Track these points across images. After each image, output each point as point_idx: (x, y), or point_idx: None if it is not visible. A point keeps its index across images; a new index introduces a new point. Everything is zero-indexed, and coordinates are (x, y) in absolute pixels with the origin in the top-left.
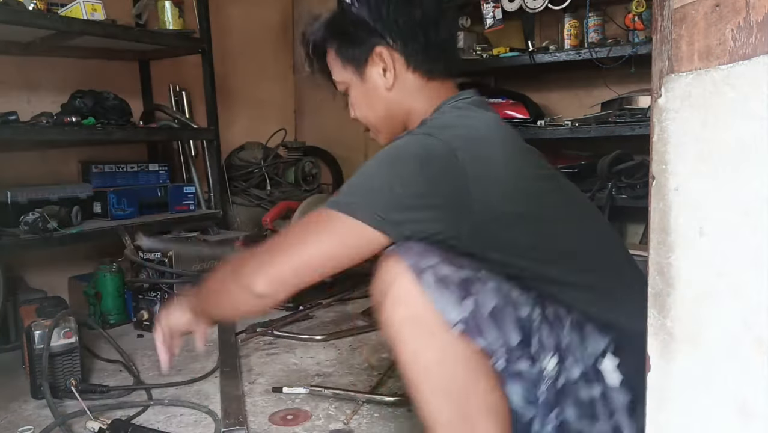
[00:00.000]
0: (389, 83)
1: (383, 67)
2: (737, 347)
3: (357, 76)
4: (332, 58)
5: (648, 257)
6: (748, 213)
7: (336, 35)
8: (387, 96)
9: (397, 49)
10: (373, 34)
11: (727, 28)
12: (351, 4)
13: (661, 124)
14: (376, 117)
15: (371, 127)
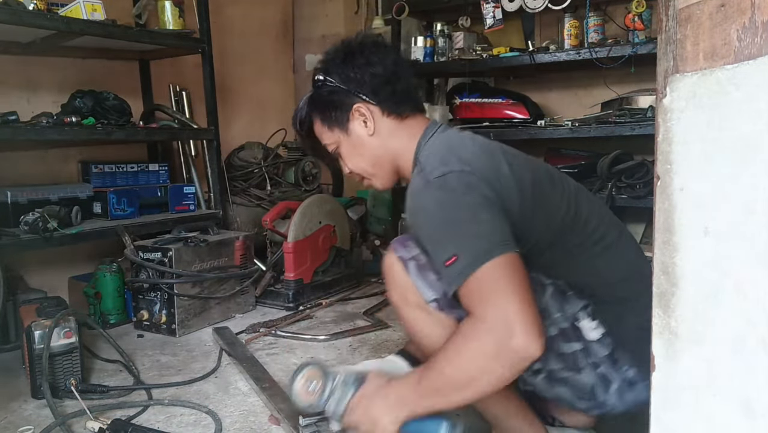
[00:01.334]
0: (371, 131)
1: (363, 120)
2: (742, 347)
3: (343, 133)
4: (319, 127)
5: (652, 257)
6: (753, 213)
7: (318, 108)
8: (372, 142)
9: (371, 101)
10: (348, 95)
11: (732, 28)
12: (324, 80)
13: (666, 124)
14: (367, 163)
15: (366, 175)
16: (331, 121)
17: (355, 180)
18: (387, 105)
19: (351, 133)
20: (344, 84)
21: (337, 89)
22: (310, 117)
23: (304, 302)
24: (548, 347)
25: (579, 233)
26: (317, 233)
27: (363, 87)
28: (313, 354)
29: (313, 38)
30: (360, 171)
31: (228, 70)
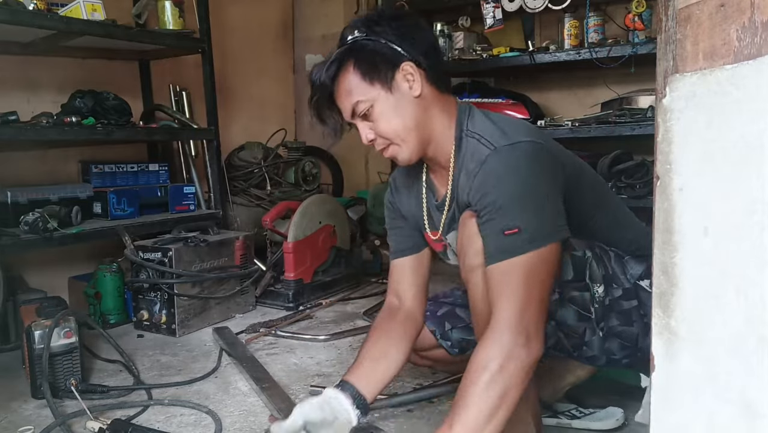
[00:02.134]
0: (417, 91)
1: (410, 79)
2: (741, 346)
3: (385, 89)
4: (353, 79)
5: (652, 257)
6: (752, 213)
7: (363, 56)
8: (415, 103)
9: (420, 64)
10: (397, 53)
11: (732, 28)
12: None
13: (666, 124)
14: (403, 126)
15: (396, 140)
16: (375, 72)
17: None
18: (432, 73)
19: (395, 90)
20: (396, 39)
21: (386, 43)
22: (342, 65)
23: (304, 302)
24: (611, 307)
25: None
26: (317, 233)
27: (414, 47)
28: (313, 354)
29: (313, 38)
30: (391, 135)
31: (228, 70)
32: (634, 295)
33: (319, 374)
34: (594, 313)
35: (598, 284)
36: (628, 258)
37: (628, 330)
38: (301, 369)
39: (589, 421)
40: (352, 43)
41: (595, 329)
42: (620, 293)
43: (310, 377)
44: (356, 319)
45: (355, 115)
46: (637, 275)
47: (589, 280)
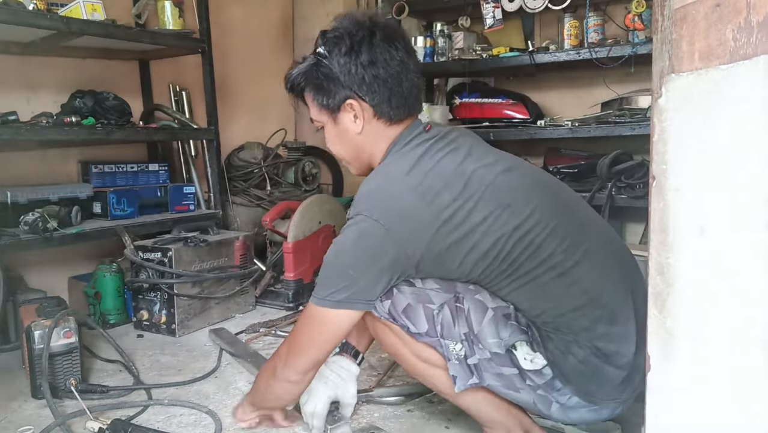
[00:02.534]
0: (359, 129)
1: (354, 115)
2: (737, 346)
3: (331, 121)
4: (310, 100)
5: (648, 257)
6: (748, 213)
7: (312, 85)
8: (356, 138)
9: (366, 101)
10: (345, 87)
11: (727, 28)
12: (324, 56)
13: (662, 124)
14: (346, 153)
15: (343, 160)
16: (324, 102)
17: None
18: (380, 109)
19: (338, 123)
20: (343, 76)
21: (335, 77)
22: (302, 88)
23: (304, 302)
24: (484, 367)
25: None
26: (317, 233)
27: (362, 86)
28: None
29: (313, 38)
30: (338, 155)
31: (228, 70)
32: (509, 363)
33: None
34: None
35: (452, 341)
36: (513, 323)
37: (516, 395)
38: None
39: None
40: (313, 63)
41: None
42: (488, 356)
43: None
44: None
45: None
46: (512, 342)
47: (440, 336)
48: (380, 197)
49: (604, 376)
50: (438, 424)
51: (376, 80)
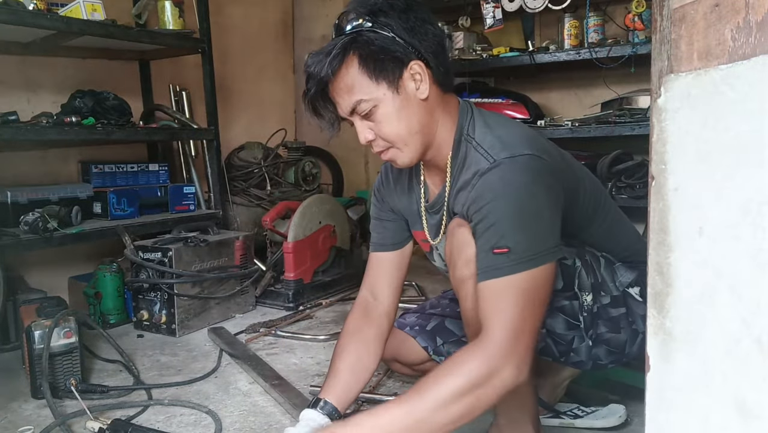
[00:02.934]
0: (425, 94)
1: (418, 79)
2: (736, 347)
3: (392, 90)
4: (356, 76)
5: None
6: (747, 213)
7: (370, 52)
8: (422, 106)
9: (428, 62)
10: (406, 50)
11: (726, 28)
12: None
13: (661, 124)
14: (406, 129)
15: (397, 144)
16: (382, 71)
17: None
18: (438, 72)
19: (401, 91)
20: (406, 33)
21: (394, 39)
22: (345, 58)
23: (304, 302)
24: (599, 314)
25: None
26: (317, 233)
27: (423, 44)
28: (313, 354)
29: (313, 38)
30: (394, 138)
31: (228, 70)
32: (622, 303)
33: (319, 374)
34: (583, 321)
35: (586, 292)
36: (618, 265)
37: (616, 337)
38: (301, 369)
39: (592, 419)
40: (356, 34)
41: (583, 336)
42: (608, 301)
43: (310, 377)
44: None
45: (354, 113)
46: (626, 282)
47: (577, 289)
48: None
49: None
50: None
51: (435, 39)
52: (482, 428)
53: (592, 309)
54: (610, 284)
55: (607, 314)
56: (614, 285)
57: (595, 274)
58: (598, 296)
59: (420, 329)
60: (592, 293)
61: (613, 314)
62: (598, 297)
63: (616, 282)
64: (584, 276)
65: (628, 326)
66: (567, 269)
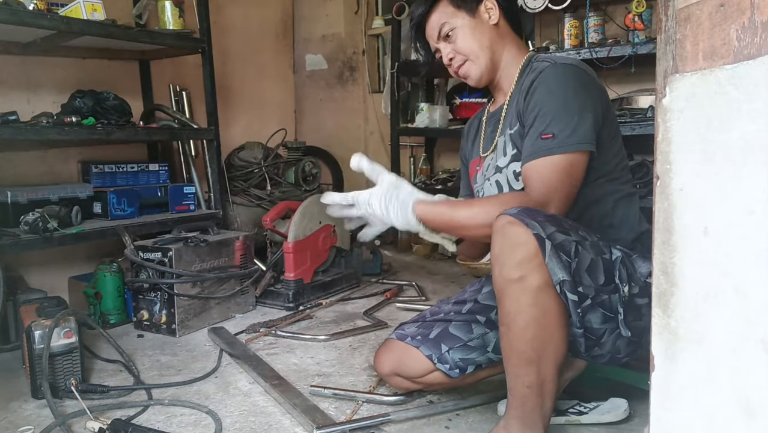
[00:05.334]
0: (495, 20)
1: (491, 10)
2: (741, 346)
3: (469, 14)
4: (443, 7)
5: (652, 257)
6: (752, 212)
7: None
8: (492, 30)
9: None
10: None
11: (731, 28)
12: None
13: (666, 124)
14: (480, 45)
15: (471, 56)
16: (464, 2)
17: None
18: (509, 12)
19: (477, 16)
20: None
21: None
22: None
23: (304, 302)
24: (629, 304)
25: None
26: (317, 233)
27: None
28: (313, 354)
29: (313, 38)
30: (467, 51)
31: (228, 70)
32: (646, 293)
33: (319, 374)
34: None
35: (624, 283)
36: (635, 257)
37: (638, 325)
38: (302, 369)
39: (597, 414)
40: None
41: (615, 329)
42: (637, 291)
43: (310, 377)
44: (356, 319)
45: (440, 37)
46: (646, 273)
47: (618, 280)
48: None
49: None
50: (438, 424)
51: None
52: (486, 428)
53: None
54: (636, 275)
55: (634, 303)
56: (640, 274)
57: (627, 265)
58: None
59: (422, 338)
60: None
61: (639, 302)
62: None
63: (638, 273)
64: (621, 267)
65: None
66: (606, 263)
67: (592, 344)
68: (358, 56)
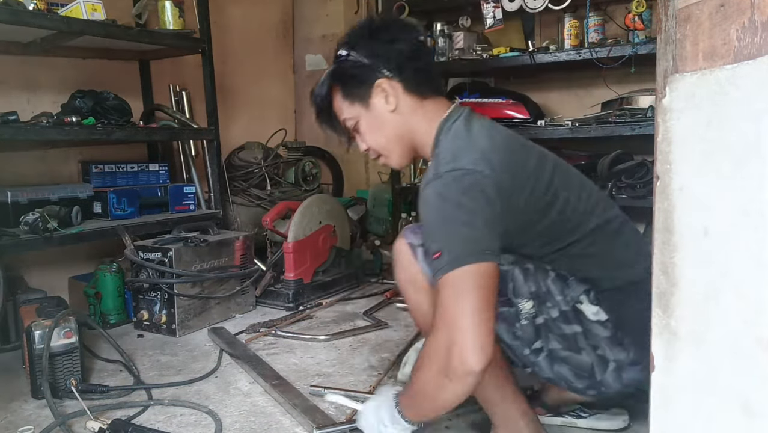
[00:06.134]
0: (392, 107)
1: (385, 95)
2: (741, 347)
3: (364, 108)
4: (339, 101)
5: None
6: (752, 213)
7: (341, 81)
8: (392, 118)
9: (394, 78)
10: (372, 70)
11: (731, 28)
12: (348, 54)
13: (666, 124)
14: (386, 139)
15: (383, 152)
16: (353, 95)
17: (371, 157)
18: (409, 83)
19: (372, 108)
20: (369, 58)
21: (361, 64)
22: (330, 90)
23: (304, 302)
24: (549, 327)
25: (576, 231)
26: (317, 233)
27: (388, 62)
28: (314, 354)
29: (313, 38)
30: (378, 147)
31: (228, 70)
32: (575, 320)
33: (319, 374)
34: (521, 330)
35: (523, 299)
36: (572, 280)
37: (576, 358)
38: (302, 369)
39: (594, 420)
40: (336, 65)
41: (527, 347)
42: (557, 314)
43: (310, 377)
44: (356, 319)
45: (346, 128)
46: (576, 296)
47: (512, 295)
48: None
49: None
50: (438, 423)
51: (399, 55)
52: (486, 428)
53: (534, 320)
54: (558, 297)
55: (559, 329)
56: (563, 298)
57: (538, 283)
58: (542, 306)
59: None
60: (535, 302)
61: (566, 330)
62: (544, 308)
63: (567, 296)
64: (520, 282)
65: (590, 349)
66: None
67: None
68: None
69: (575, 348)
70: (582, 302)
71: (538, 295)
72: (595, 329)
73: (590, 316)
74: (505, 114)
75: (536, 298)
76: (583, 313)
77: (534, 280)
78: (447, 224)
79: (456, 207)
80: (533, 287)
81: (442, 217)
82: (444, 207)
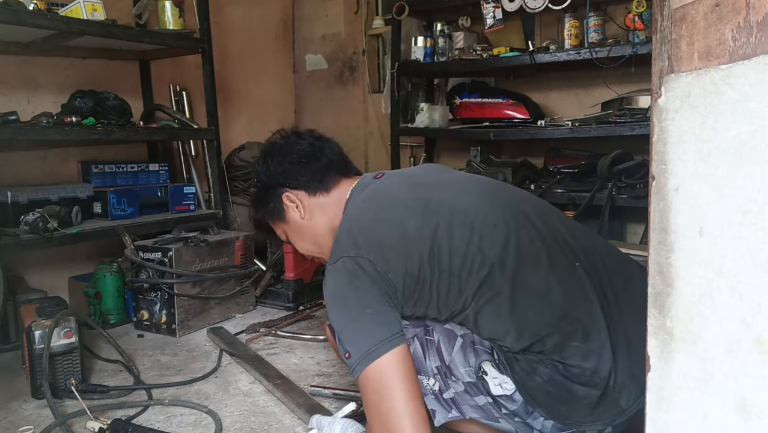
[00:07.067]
0: (303, 213)
1: (295, 206)
2: (737, 347)
3: (284, 223)
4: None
5: (648, 257)
6: (747, 213)
7: (260, 206)
8: (308, 224)
9: (295, 186)
10: (275, 187)
11: (727, 28)
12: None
13: (661, 124)
14: (311, 243)
15: (314, 255)
16: (272, 215)
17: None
18: (310, 185)
19: (290, 222)
20: (270, 179)
21: (266, 185)
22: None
23: (304, 302)
24: (461, 400)
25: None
26: None
27: (286, 176)
28: (314, 354)
29: (313, 38)
30: (308, 253)
31: (228, 70)
32: (483, 390)
33: (319, 374)
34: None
35: (426, 377)
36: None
37: (497, 426)
38: (302, 369)
39: None
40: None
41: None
42: (461, 388)
43: (310, 377)
44: None
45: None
46: (477, 365)
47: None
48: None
49: (573, 396)
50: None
51: (293, 166)
52: None
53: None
54: (462, 369)
55: (472, 401)
56: (469, 370)
57: (441, 355)
58: (448, 381)
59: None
60: (438, 378)
61: (478, 402)
62: (450, 382)
63: (473, 366)
64: (420, 359)
65: (508, 418)
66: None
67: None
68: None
69: (492, 417)
70: (487, 373)
71: (440, 370)
72: (503, 401)
73: (494, 389)
74: (505, 114)
75: (440, 373)
76: (487, 384)
77: (437, 353)
78: (345, 323)
79: (345, 303)
80: (436, 362)
81: (338, 316)
82: (336, 305)
